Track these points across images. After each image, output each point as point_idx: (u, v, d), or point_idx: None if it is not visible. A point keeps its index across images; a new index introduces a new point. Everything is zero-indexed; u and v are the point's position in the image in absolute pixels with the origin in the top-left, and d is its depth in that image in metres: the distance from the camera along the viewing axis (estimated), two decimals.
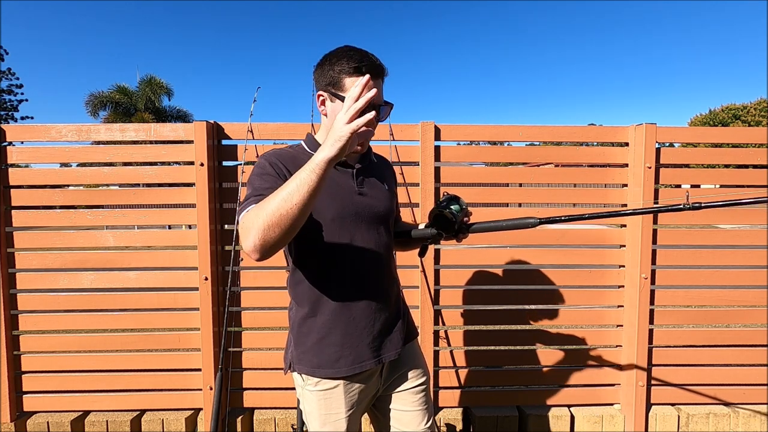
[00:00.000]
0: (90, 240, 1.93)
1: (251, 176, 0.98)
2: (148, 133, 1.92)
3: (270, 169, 0.96)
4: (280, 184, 0.85)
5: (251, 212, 0.83)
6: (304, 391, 1.05)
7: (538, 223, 1.01)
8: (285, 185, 0.81)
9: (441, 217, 1.05)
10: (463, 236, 1.08)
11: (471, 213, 1.08)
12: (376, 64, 0.95)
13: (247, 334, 2.01)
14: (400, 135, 1.92)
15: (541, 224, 1.01)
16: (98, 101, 20.53)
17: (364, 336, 1.03)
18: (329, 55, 0.98)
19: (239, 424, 1.96)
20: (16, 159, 1.90)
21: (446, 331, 2.03)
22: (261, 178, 0.96)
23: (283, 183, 0.85)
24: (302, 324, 1.04)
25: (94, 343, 1.99)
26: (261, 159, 1.00)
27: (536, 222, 1.01)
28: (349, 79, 0.94)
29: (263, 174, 0.96)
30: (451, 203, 1.04)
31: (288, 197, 0.79)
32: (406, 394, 1.11)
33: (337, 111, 0.95)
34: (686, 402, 2.04)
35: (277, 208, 0.79)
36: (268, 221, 0.79)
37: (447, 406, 2.04)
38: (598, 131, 2.01)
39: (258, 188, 0.93)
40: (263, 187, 0.91)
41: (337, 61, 0.95)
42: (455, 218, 1.03)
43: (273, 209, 0.79)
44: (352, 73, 0.94)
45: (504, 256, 1.98)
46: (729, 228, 2.48)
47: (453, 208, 1.03)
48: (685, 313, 2.04)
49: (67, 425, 1.94)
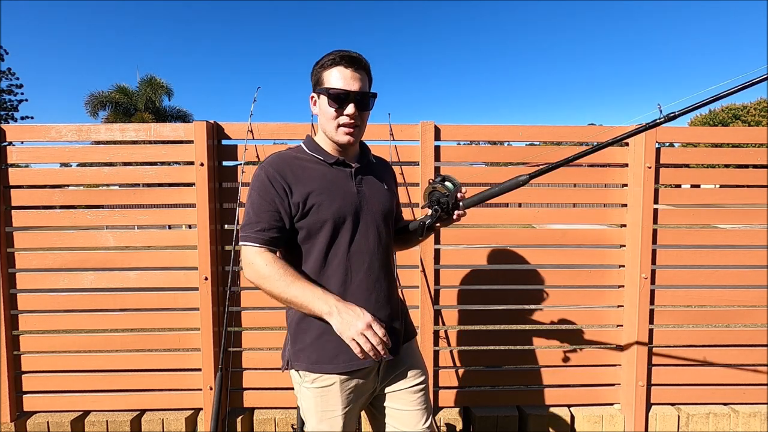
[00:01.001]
0: (90, 240, 1.93)
1: (252, 191, 1.01)
2: (148, 133, 1.92)
3: (269, 186, 0.99)
4: (278, 202, 0.98)
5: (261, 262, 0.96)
6: (301, 389, 1.06)
7: (528, 179, 1.01)
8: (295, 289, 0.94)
9: (436, 192, 1.05)
10: (460, 213, 1.09)
11: (465, 191, 1.09)
12: (351, 56, 1.01)
13: (247, 334, 2.01)
14: (400, 135, 1.92)
15: (531, 179, 1.01)
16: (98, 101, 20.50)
17: None
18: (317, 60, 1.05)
19: (239, 424, 1.96)
20: (16, 159, 1.90)
21: (446, 331, 2.03)
22: (261, 196, 1.00)
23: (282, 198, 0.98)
24: (301, 321, 1.04)
25: (94, 343, 1.99)
26: (260, 170, 1.02)
27: (526, 179, 1.01)
28: (326, 72, 1.01)
29: (262, 191, 1.00)
30: (445, 180, 1.05)
31: (287, 300, 0.95)
32: (404, 394, 1.11)
33: (322, 106, 1.03)
34: (686, 402, 2.04)
35: (275, 293, 0.96)
36: (264, 288, 0.96)
37: (447, 406, 2.04)
38: (598, 131, 2.01)
39: (258, 211, 0.99)
40: (262, 211, 0.98)
41: (320, 62, 1.03)
42: (450, 193, 1.03)
43: (272, 290, 0.96)
44: (330, 66, 1.01)
45: (504, 255, 1.98)
46: (729, 228, 2.48)
47: (447, 185, 1.03)
48: (685, 313, 2.04)
49: (67, 425, 1.94)
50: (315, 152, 1.07)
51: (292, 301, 0.94)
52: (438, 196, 1.05)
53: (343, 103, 1.00)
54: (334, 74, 1.00)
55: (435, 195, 1.05)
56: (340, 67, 1.00)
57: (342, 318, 0.88)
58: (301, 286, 0.94)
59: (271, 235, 0.98)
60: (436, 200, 1.06)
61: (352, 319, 0.87)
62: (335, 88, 0.99)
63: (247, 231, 0.98)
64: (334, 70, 1.00)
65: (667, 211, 1.93)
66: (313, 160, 1.06)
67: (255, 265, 0.96)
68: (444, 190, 1.04)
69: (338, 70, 0.99)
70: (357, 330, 0.86)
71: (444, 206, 1.05)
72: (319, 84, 1.03)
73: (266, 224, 0.98)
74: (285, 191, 0.99)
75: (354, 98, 1.00)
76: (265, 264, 0.95)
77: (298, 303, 0.93)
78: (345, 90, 0.99)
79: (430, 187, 1.06)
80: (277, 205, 0.99)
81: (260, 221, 0.98)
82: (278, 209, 0.99)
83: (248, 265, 0.98)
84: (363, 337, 0.85)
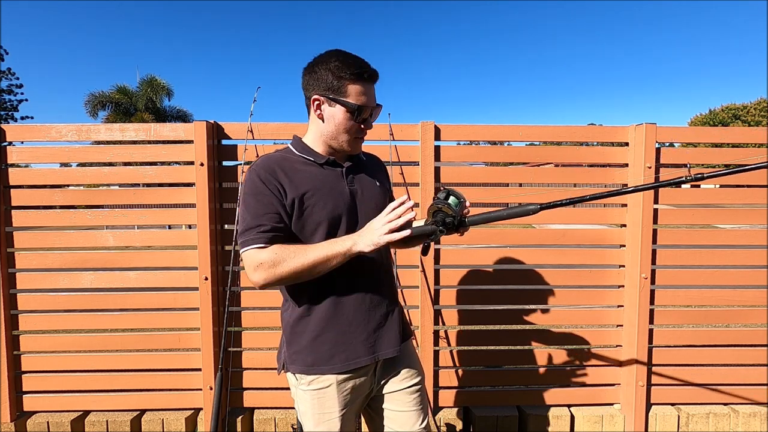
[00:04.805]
0: (90, 240, 1.93)
1: (245, 195, 0.99)
2: (148, 133, 1.92)
3: (263, 188, 0.97)
4: (276, 203, 0.95)
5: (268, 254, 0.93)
6: (297, 391, 1.06)
7: (539, 209, 0.97)
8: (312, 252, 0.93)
9: (440, 212, 1.04)
10: (465, 230, 1.05)
11: (470, 205, 1.06)
12: (374, 71, 1.00)
13: (247, 334, 2.01)
14: (400, 135, 1.92)
15: (542, 210, 0.98)
16: (98, 101, 20.50)
17: (359, 333, 1.03)
18: (321, 59, 1.00)
19: (239, 424, 1.96)
20: (16, 159, 1.90)
21: (446, 330, 2.03)
22: (257, 199, 0.97)
23: (278, 199, 0.96)
24: (296, 324, 1.04)
25: (94, 343, 1.99)
26: (250, 174, 0.99)
27: (537, 208, 0.97)
28: (352, 86, 0.98)
29: (257, 194, 0.97)
30: (449, 197, 1.01)
31: (311, 266, 0.93)
32: (400, 394, 1.11)
33: (337, 116, 0.99)
34: (686, 402, 2.04)
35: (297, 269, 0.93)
36: (284, 274, 0.93)
37: (447, 406, 2.04)
38: (598, 131, 2.01)
39: (256, 215, 0.96)
40: (260, 214, 0.96)
41: (334, 66, 0.97)
42: (455, 213, 1.00)
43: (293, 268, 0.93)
44: (355, 80, 0.97)
45: (504, 255, 1.98)
46: (729, 228, 2.48)
47: (451, 202, 1.00)
48: (685, 313, 2.04)
49: (67, 425, 1.94)
50: (304, 153, 1.04)
51: (316, 263, 0.93)
52: (443, 216, 1.01)
53: (365, 120, 1.01)
54: (359, 90, 0.98)
55: (440, 215, 1.02)
56: (365, 82, 0.98)
57: (363, 238, 0.93)
58: (313, 248, 0.94)
59: (274, 234, 0.96)
60: (441, 220, 1.02)
61: (369, 231, 0.94)
62: (363, 106, 0.98)
63: (247, 236, 0.95)
64: (359, 86, 0.98)
65: (667, 211, 1.93)
66: (302, 161, 1.03)
67: (264, 261, 0.92)
68: (449, 210, 1.00)
69: (363, 85, 0.98)
70: (379, 232, 0.91)
71: (449, 226, 1.03)
72: (338, 92, 0.98)
73: (268, 226, 0.95)
74: (280, 191, 0.97)
75: (375, 114, 1.02)
76: (273, 253, 0.93)
77: (322, 260, 0.93)
78: (369, 108, 1.00)
79: (435, 206, 1.04)
80: (275, 206, 0.97)
81: (260, 224, 0.95)
82: (277, 210, 0.97)
83: (257, 267, 0.93)
84: (389, 233, 0.91)
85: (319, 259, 0.93)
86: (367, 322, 1.04)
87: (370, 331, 1.05)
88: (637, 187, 0.96)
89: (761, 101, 31.53)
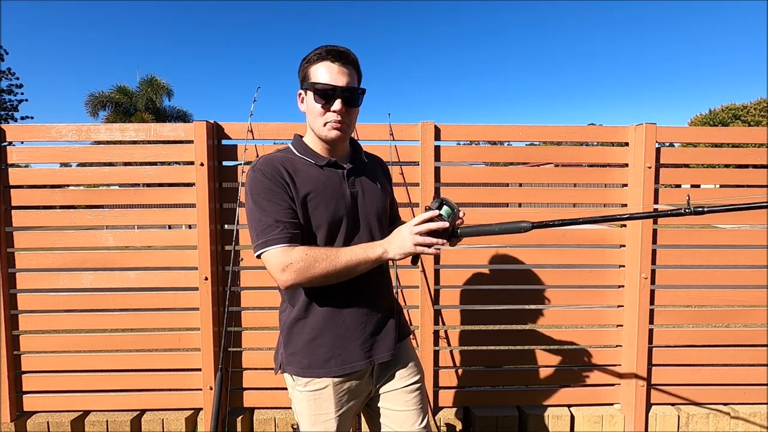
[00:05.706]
0: (90, 240, 1.93)
1: (254, 194, 0.95)
2: (148, 133, 1.92)
3: (272, 185, 0.95)
4: (288, 199, 0.94)
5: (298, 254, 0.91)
6: (294, 392, 1.06)
7: (530, 227, 0.96)
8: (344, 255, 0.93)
9: None
10: (457, 240, 1.04)
11: (464, 214, 1.03)
12: (338, 50, 0.98)
13: (247, 334, 2.01)
14: (400, 135, 1.92)
15: (534, 228, 0.97)
16: (98, 101, 20.49)
17: (355, 337, 1.03)
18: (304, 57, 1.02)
19: (239, 424, 1.96)
20: (16, 159, 1.90)
21: (446, 330, 2.03)
22: (269, 197, 0.94)
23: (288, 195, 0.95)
24: (293, 325, 1.04)
25: (94, 343, 1.99)
26: (255, 173, 0.97)
27: (529, 226, 0.96)
28: (312, 67, 0.98)
29: (268, 191, 0.94)
30: (442, 207, 0.98)
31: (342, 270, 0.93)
32: (399, 394, 1.10)
33: (309, 102, 1.00)
34: (686, 402, 2.04)
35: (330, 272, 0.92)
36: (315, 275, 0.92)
37: (447, 406, 2.04)
38: (598, 131, 2.01)
39: (272, 212, 0.94)
40: (277, 211, 0.94)
41: (306, 57, 1.00)
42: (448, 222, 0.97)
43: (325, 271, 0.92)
44: (317, 61, 0.98)
45: (504, 256, 1.98)
46: (729, 228, 2.48)
47: (444, 213, 0.98)
48: (685, 313, 2.04)
49: (67, 425, 1.94)
50: (305, 155, 1.03)
51: (348, 267, 0.93)
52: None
53: (330, 99, 0.96)
54: (320, 69, 0.96)
55: None
56: (326, 61, 0.96)
57: (393, 245, 0.94)
58: (345, 251, 0.94)
59: (293, 230, 0.94)
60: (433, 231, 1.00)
61: (399, 239, 0.94)
62: (322, 83, 0.95)
63: (267, 235, 0.92)
64: (320, 65, 0.96)
65: None
66: (303, 162, 1.02)
67: (294, 261, 0.90)
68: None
69: (325, 64, 0.96)
70: (411, 241, 0.92)
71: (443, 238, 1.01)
72: (306, 80, 0.99)
73: (288, 223, 0.93)
74: (288, 187, 0.96)
75: (341, 94, 0.96)
76: (304, 253, 0.91)
77: (354, 264, 0.93)
78: (332, 85, 0.95)
79: None
80: (288, 202, 0.95)
81: (278, 221, 0.93)
82: (291, 206, 0.95)
83: (286, 267, 0.90)
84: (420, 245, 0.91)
85: (351, 263, 0.92)
86: (364, 327, 1.04)
87: (367, 336, 1.04)
88: (633, 215, 0.98)
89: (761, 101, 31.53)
